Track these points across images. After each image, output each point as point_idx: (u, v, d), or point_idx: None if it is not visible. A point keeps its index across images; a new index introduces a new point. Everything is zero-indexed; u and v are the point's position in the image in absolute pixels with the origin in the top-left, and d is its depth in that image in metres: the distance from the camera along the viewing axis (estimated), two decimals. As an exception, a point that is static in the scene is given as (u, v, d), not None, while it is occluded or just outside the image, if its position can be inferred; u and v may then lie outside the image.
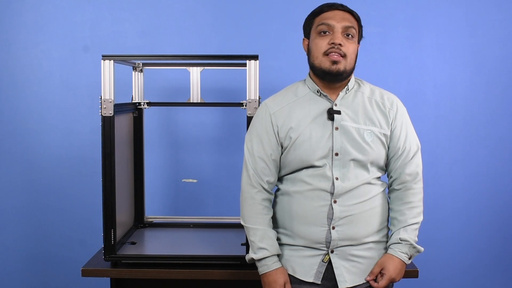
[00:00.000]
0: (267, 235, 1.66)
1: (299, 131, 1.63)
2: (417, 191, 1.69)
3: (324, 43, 1.60)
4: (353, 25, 1.63)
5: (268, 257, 1.64)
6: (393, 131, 1.67)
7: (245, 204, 1.70)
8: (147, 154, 2.49)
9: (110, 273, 1.97)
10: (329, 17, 1.62)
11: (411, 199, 1.67)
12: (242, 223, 1.71)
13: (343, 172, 1.62)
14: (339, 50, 1.58)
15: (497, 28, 2.76)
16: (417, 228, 1.67)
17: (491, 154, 2.83)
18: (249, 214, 1.68)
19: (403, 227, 1.66)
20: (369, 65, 2.72)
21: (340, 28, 1.60)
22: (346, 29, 1.61)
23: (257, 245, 1.65)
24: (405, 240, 1.64)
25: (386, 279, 1.63)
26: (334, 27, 1.60)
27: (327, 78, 1.63)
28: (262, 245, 1.64)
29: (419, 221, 1.68)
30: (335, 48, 1.58)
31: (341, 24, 1.60)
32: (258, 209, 1.67)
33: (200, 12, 2.74)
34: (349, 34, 1.61)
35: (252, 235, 1.67)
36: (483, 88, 2.80)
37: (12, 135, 2.76)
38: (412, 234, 1.65)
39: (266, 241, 1.65)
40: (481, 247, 2.87)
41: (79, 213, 2.79)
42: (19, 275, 2.83)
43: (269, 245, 1.65)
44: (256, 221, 1.67)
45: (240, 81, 2.48)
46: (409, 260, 1.66)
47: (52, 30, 2.72)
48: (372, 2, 2.73)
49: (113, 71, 1.93)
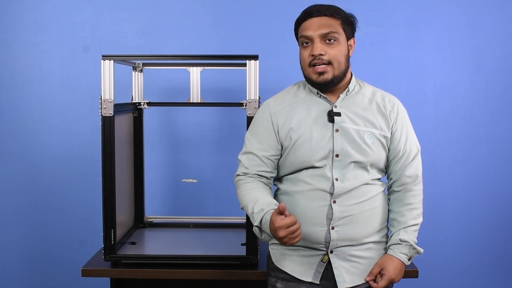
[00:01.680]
0: (261, 199, 1.55)
1: (300, 132, 1.63)
2: (417, 192, 1.69)
3: (307, 54, 1.61)
4: (332, 28, 1.59)
5: (265, 213, 1.51)
6: (394, 133, 1.67)
7: (238, 189, 1.67)
8: (147, 154, 2.49)
9: (110, 273, 1.98)
10: (306, 27, 1.61)
11: (411, 201, 1.68)
12: (242, 207, 1.64)
13: (343, 173, 1.62)
14: (321, 60, 1.58)
15: (497, 28, 2.76)
16: (417, 229, 1.68)
17: (491, 154, 2.83)
18: (244, 193, 1.62)
19: (403, 228, 1.66)
20: (369, 65, 2.72)
21: (318, 37, 1.59)
22: (325, 36, 1.59)
23: (254, 213, 1.53)
24: (405, 241, 1.64)
25: (385, 279, 1.63)
26: (312, 37, 1.60)
27: (318, 87, 1.65)
28: (257, 209, 1.53)
29: (419, 222, 1.68)
30: (316, 59, 1.59)
31: (317, 33, 1.59)
32: (251, 186, 1.63)
33: (200, 12, 2.74)
34: (330, 39, 1.60)
35: (250, 208, 1.57)
36: (483, 88, 2.80)
37: (12, 135, 2.76)
38: (412, 235, 1.66)
39: (261, 203, 1.54)
40: (481, 247, 2.87)
41: (79, 213, 2.79)
42: (19, 275, 2.83)
43: (266, 205, 1.53)
44: (251, 197, 1.59)
45: (240, 81, 2.48)
46: (408, 261, 1.66)
47: (52, 30, 2.72)
48: (372, 2, 2.73)
49: (113, 71, 1.93)
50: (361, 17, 1.70)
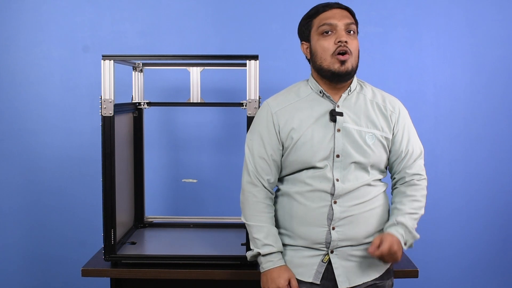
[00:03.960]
0: (271, 232, 1.66)
1: (301, 132, 1.63)
2: (421, 187, 1.68)
3: (330, 43, 1.59)
4: (352, 21, 1.63)
5: (273, 253, 1.64)
6: (395, 135, 1.67)
7: (247, 203, 1.69)
8: (147, 154, 2.49)
9: (110, 273, 1.97)
10: (330, 16, 1.61)
11: (413, 193, 1.66)
12: (244, 221, 1.70)
13: (343, 174, 1.62)
14: (346, 47, 1.58)
15: (497, 28, 2.76)
16: (416, 218, 1.65)
17: (491, 154, 2.83)
18: (252, 212, 1.68)
19: (402, 214, 1.63)
20: (369, 65, 2.72)
21: (343, 26, 1.60)
22: (348, 25, 1.60)
23: (262, 242, 1.64)
24: (401, 223, 1.61)
25: (386, 244, 1.55)
26: (337, 26, 1.59)
27: (335, 79, 1.62)
28: (268, 242, 1.64)
29: (419, 212, 1.65)
30: (342, 46, 1.57)
31: (343, 22, 1.60)
32: (261, 207, 1.67)
33: (200, 12, 2.74)
34: (351, 31, 1.61)
35: (255, 232, 1.66)
36: (483, 88, 2.80)
37: (12, 135, 2.76)
38: (408, 219, 1.62)
39: (271, 238, 1.65)
40: (481, 247, 2.87)
41: (79, 213, 2.79)
42: (19, 275, 2.83)
43: (274, 242, 1.65)
44: (260, 219, 1.66)
45: (240, 81, 2.48)
46: (405, 246, 1.63)
47: (52, 30, 2.72)
48: (372, 2, 2.73)
49: (113, 71, 1.93)
50: (361, 17, 1.70)
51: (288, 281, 1.62)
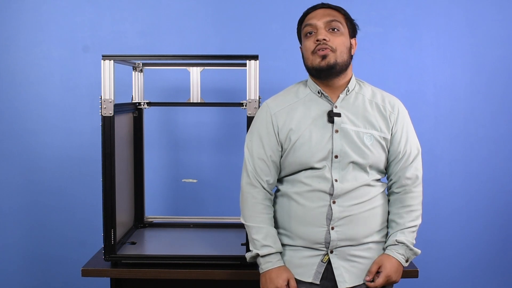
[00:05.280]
0: (270, 233, 1.66)
1: (299, 133, 1.63)
2: (417, 194, 1.69)
3: (311, 42, 1.62)
4: (336, 18, 1.63)
5: (272, 253, 1.65)
6: (394, 135, 1.67)
7: (246, 204, 1.70)
8: (147, 154, 2.49)
9: (110, 273, 1.97)
10: (311, 17, 1.64)
11: (410, 202, 1.68)
12: (243, 221, 1.71)
13: (342, 174, 1.62)
14: (325, 45, 1.59)
15: (497, 28, 2.76)
16: (415, 231, 1.68)
17: (491, 154, 2.83)
18: (251, 213, 1.68)
19: (401, 229, 1.66)
20: (369, 65, 2.72)
21: (323, 24, 1.61)
22: (329, 23, 1.61)
23: (261, 242, 1.65)
24: (401, 242, 1.64)
25: (382, 276, 1.62)
26: (316, 25, 1.62)
27: (320, 75, 1.63)
28: (266, 243, 1.64)
29: (417, 224, 1.68)
30: (321, 44, 1.59)
31: (322, 21, 1.62)
32: (260, 208, 1.67)
33: (200, 12, 2.74)
34: (334, 28, 1.62)
35: (255, 233, 1.66)
36: (483, 88, 2.80)
37: (12, 135, 2.76)
38: (409, 236, 1.66)
39: (270, 239, 1.65)
40: (481, 247, 2.87)
41: (79, 213, 2.79)
42: (19, 275, 2.83)
43: (273, 243, 1.65)
44: (259, 220, 1.67)
45: (240, 81, 2.48)
46: (406, 263, 1.67)
47: (52, 30, 2.72)
48: (372, 2, 2.73)
49: (113, 71, 1.93)
50: (361, 17, 1.70)
51: (287, 281, 1.63)
